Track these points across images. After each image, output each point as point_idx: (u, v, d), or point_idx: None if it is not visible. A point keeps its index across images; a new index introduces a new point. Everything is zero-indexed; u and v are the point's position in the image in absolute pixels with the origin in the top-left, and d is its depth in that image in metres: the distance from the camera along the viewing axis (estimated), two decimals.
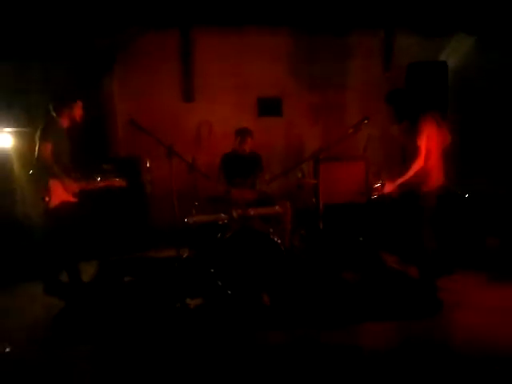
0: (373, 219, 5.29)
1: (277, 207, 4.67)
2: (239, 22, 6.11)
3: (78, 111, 3.99)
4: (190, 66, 6.29)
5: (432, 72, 5.37)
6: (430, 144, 3.66)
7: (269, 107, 6.45)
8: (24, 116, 4.92)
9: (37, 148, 3.75)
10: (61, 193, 3.78)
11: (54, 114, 3.89)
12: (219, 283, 3.83)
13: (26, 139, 4.72)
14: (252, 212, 4.29)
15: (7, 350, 3.12)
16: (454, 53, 6.08)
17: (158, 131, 4.00)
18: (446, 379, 2.74)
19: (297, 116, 6.51)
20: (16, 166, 4.61)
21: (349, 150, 5.93)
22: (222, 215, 4.47)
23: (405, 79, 5.49)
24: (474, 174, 5.88)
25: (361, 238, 5.23)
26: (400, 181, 3.70)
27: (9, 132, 4.66)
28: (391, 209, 4.79)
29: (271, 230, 4.06)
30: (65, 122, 3.96)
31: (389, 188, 3.73)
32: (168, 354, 3.05)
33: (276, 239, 3.92)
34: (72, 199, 3.86)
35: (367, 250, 5.12)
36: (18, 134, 4.72)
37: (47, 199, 3.68)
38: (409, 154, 3.73)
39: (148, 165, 4.99)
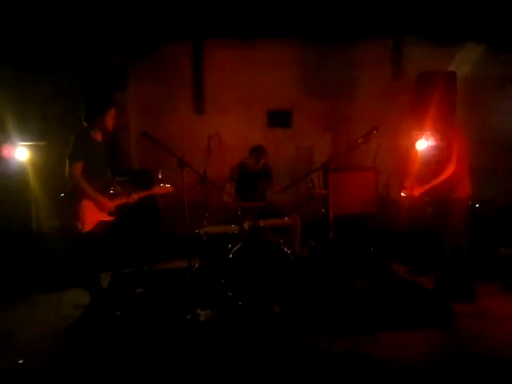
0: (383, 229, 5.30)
1: (286, 218, 4.72)
2: (250, 35, 6.21)
3: (110, 120, 3.71)
4: (201, 79, 6.39)
5: (441, 82, 5.37)
6: (461, 151, 3.74)
7: (278, 119, 6.51)
8: (39, 130, 5.03)
9: (66, 167, 3.50)
10: (96, 214, 3.57)
11: (86, 125, 3.65)
12: (230, 294, 3.85)
13: (41, 152, 4.85)
14: (262, 223, 4.33)
15: (20, 361, 3.15)
16: (464, 62, 6.09)
17: (169, 143, 4.06)
18: None
19: (306, 127, 6.55)
20: (31, 179, 4.71)
21: (359, 160, 5.96)
22: (233, 226, 4.52)
23: (415, 89, 5.52)
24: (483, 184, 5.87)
25: (371, 249, 5.23)
26: (430, 185, 3.77)
27: (24, 145, 4.75)
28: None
29: (281, 241, 4.09)
30: (98, 135, 3.72)
31: (417, 191, 3.79)
32: (179, 366, 3.07)
33: (286, 250, 3.94)
34: (108, 218, 3.67)
35: (377, 260, 5.12)
36: (33, 148, 4.81)
37: (80, 226, 3.43)
38: (436, 161, 3.81)
39: (160, 176, 5.06)
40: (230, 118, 6.34)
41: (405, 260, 5.13)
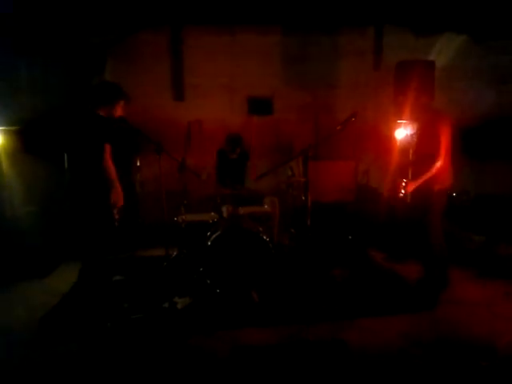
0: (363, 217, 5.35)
1: (266, 206, 4.72)
2: (230, 21, 6.12)
3: (118, 111, 3.59)
4: (180, 65, 6.28)
5: (419, 70, 5.38)
6: (448, 144, 3.75)
7: (259, 106, 6.45)
8: (12, 115, 4.88)
9: (100, 151, 3.33)
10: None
11: (93, 109, 3.47)
12: (208, 282, 3.84)
13: (14, 138, 4.71)
14: (241, 211, 4.32)
15: None
16: (444, 52, 6.13)
17: (148, 130, 3.98)
18: (431, 374, 2.78)
19: (287, 115, 6.51)
20: (4, 164, 4.59)
21: (339, 148, 5.98)
22: (212, 214, 4.50)
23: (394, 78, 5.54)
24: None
25: (350, 236, 5.28)
26: (421, 180, 3.76)
27: None
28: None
29: (260, 229, 4.08)
30: None
31: (411, 187, 3.78)
32: (154, 354, 3.06)
33: (265, 237, 3.94)
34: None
35: (356, 247, 5.17)
36: (6, 133, 4.67)
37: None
38: (422, 153, 3.81)
39: (138, 164, 5.00)
40: (210, 105, 6.26)
41: (382, 247, 5.20)
